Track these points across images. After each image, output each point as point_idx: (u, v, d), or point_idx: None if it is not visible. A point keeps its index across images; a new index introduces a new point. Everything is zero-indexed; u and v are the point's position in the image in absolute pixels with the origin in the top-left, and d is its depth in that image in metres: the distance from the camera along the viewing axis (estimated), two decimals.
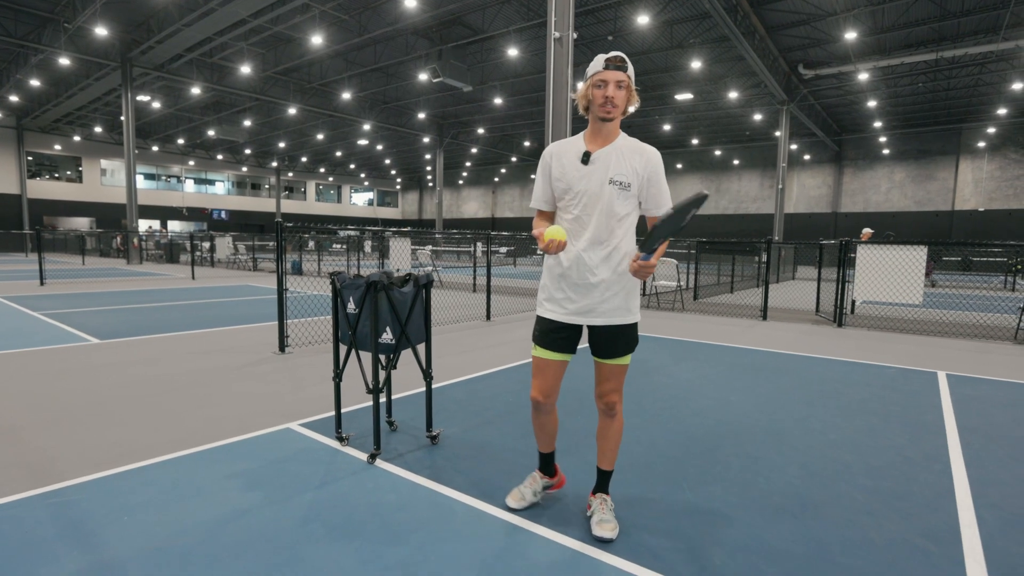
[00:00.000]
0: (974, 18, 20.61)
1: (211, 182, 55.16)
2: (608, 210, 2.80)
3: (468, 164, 58.65)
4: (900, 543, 2.86)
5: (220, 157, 53.57)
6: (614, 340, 2.88)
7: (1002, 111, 32.12)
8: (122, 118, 28.16)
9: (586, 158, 2.82)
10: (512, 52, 24.09)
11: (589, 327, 2.91)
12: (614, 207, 2.80)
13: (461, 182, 62.11)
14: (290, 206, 60.18)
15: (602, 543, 2.83)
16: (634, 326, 2.92)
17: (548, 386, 2.98)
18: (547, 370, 2.97)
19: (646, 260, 2.51)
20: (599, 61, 2.75)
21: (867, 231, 17.04)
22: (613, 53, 2.75)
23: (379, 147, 49.82)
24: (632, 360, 7.10)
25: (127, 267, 25.38)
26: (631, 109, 2.83)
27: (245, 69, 26.55)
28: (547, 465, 3.26)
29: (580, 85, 2.88)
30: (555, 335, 2.93)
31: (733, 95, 29.18)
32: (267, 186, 59.28)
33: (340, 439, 4.10)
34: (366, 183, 67.66)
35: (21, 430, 4.26)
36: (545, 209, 3.00)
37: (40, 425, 4.38)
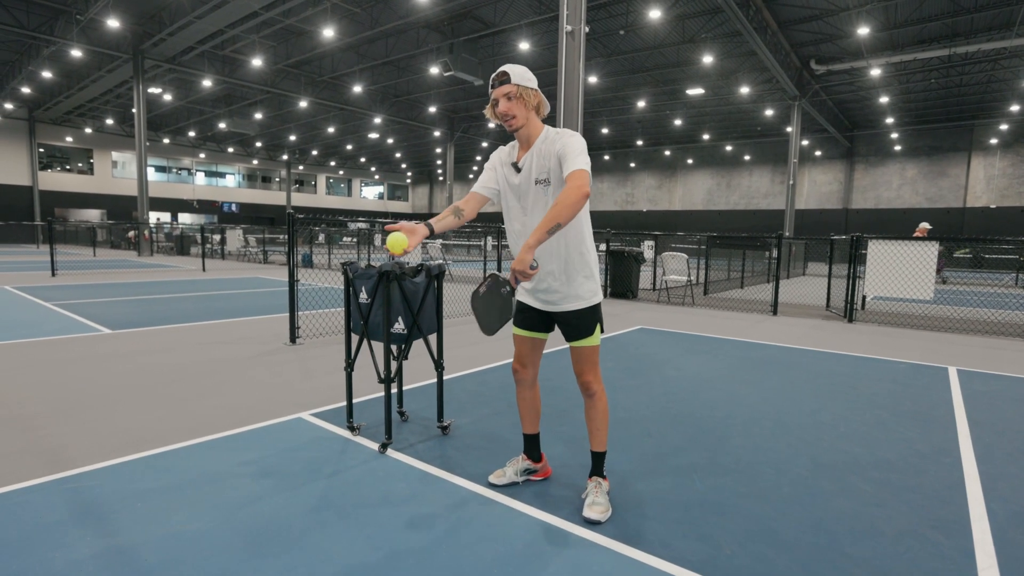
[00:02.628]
0: (987, 14, 20.40)
1: (222, 175, 55.31)
2: (541, 208, 2.93)
3: (479, 158, 58.54)
4: (910, 534, 2.87)
5: (231, 150, 53.66)
6: (571, 325, 3.06)
7: (1015, 108, 31.81)
8: (134, 110, 28.31)
9: (516, 167, 3.02)
10: (523, 46, 24.02)
11: (552, 315, 3.12)
12: (543, 205, 2.93)
13: (471, 176, 62.06)
14: (300, 199, 60.32)
15: (591, 524, 2.91)
16: (589, 310, 3.05)
17: (523, 357, 3.26)
18: (521, 344, 3.26)
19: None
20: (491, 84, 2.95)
21: (924, 226, 16.90)
22: (497, 71, 2.94)
23: (390, 141, 49.80)
24: (642, 353, 7.13)
25: (138, 259, 25.53)
26: (541, 106, 3.02)
27: (256, 62, 26.57)
28: (531, 448, 3.40)
29: (487, 110, 3.09)
30: (523, 315, 3.22)
31: (745, 90, 29.02)
32: (278, 179, 59.42)
33: (351, 429, 4.13)
34: (376, 177, 67.69)
35: (34, 418, 4.31)
36: (482, 194, 3.14)
37: (53, 413, 4.42)
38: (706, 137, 44.51)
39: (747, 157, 44.23)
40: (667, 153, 48.25)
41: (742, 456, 3.86)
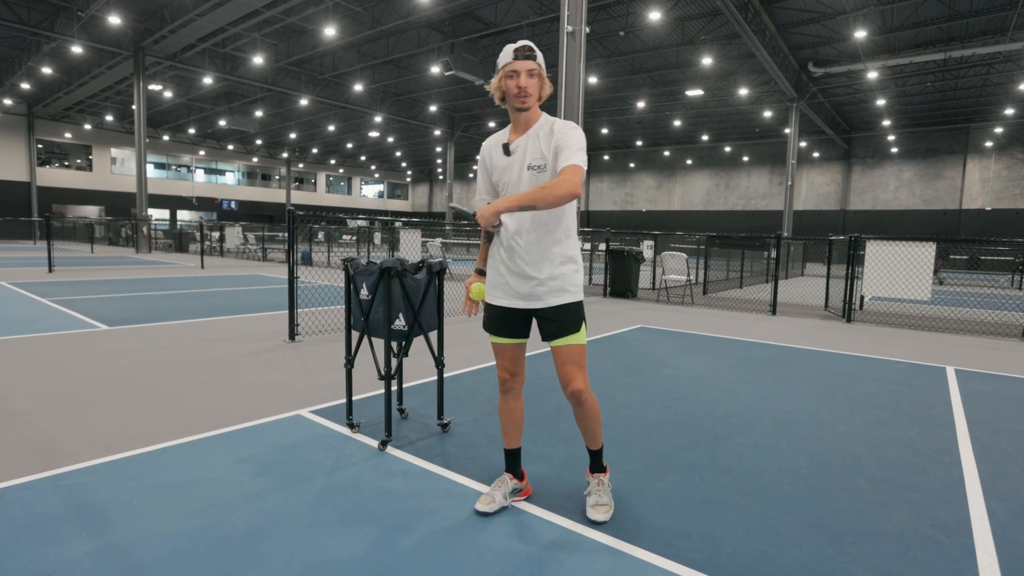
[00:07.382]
0: (982, 19, 20.55)
1: (221, 172, 55.30)
2: None
3: (479, 158, 58.43)
4: (911, 534, 2.86)
5: (231, 147, 53.61)
6: (555, 320, 2.84)
7: (1009, 111, 32.04)
8: (133, 107, 28.24)
9: (506, 149, 2.88)
10: None
11: (534, 313, 2.90)
12: None
13: (471, 175, 62.05)
14: (300, 197, 60.27)
15: (596, 525, 2.87)
16: (575, 305, 2.87)
17: (509, 365, 3.01)
18: (504, 352, 3.01)
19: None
20: (508, 52, 2.77)
21: None
22: (521, 43, 2.78)
23: (390, 139, 49.80)
24: (642, 352, 7.12)
25: (136, 256, 25.48)
26: (544, 95, 2.86)
27: (257, 60, 26.57)
28: (514, 465, 3.14)
29: (493, 79, 2.89)
30: (500, 320, 2.95)
31: (743, 92, 29.06)
32: (277, 177, 59.40)
33: (351, 426, 4.11)
34: (376, 175, 67.69)
35: (30, 414, 4.29)
36: (490, 200, 3.03)
37: (48, 409, 4.41)
38: (705, 138, 44.56)
39: (746, 158, 44.30)
40: (666, 154, 48.31)
41: (743, 455, 3.85)
